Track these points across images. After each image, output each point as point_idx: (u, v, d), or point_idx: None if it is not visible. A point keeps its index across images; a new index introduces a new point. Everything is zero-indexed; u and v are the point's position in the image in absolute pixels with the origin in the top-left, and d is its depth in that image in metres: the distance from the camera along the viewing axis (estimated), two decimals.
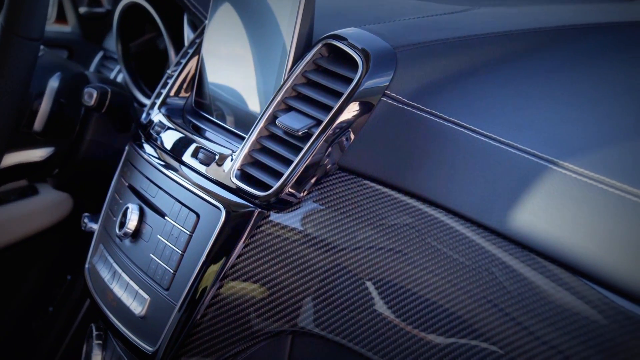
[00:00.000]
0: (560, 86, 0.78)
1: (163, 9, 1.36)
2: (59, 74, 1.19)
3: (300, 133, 0.78)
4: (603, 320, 0.58)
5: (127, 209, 0.93)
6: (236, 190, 0.82)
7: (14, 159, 1.19)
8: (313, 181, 0.79)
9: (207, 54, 0.99)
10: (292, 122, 0.79)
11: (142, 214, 0.92)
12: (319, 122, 0.78)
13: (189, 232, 0.84)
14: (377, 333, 0.73)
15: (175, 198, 0.88)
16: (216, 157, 0.87)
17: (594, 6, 1.07)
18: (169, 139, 0.97)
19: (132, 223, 0.92)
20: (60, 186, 1.32)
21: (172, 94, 1.06)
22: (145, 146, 1.00)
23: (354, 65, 0.78)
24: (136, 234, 0.92)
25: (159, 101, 1.06)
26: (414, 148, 0.74)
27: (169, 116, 1.02)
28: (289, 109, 0.82)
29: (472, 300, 0.66)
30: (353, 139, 0.78)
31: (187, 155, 0.91)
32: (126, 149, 1.06)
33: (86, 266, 1.05)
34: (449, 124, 0.73)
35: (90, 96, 1.15)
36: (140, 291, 0.89)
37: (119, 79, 1.61)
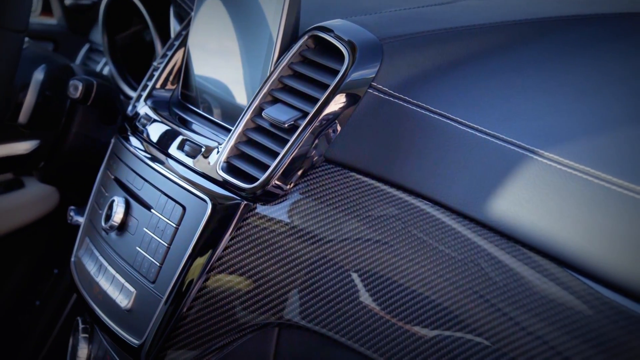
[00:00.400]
0: (546, 78, 0.78)
1: (149, 1, 1.35)
2: (44, 66, 1.18)
3: (286, 125, 0.78)
4: (588, 310, 0.58)
5: (113, 201, 0.93)
6: (222, 183, 0.82)
7: None
8: (299, 173, 0.78)
9: (193, 46, 0.99)
10: (278, 114, 0.79)
11: (128, 206, 0.92)
12: (306, 114, 0.78)
13: (175, 225, 0.83)
14: (363, 325, 0.73)
15: (161, 191, 0.87)
16: (202, 150, 0.87)
17: None
18: (155, 131, 0.97)
19: (118, 216, 0.91)
20: (46, 179, 1.32)
21: (158, 86, 1.06)
22: (131, 139, 1.00)
23: (340, 57, 0.78)
24: (122, 227, 0.92)
25: (145, 93, 1.06)
26: (400, 140, 0.74)
27: (155, 109, 1.01)
28: (275, 100, 0.82)
29: (458, 292, 0.66)
30: (339, 131, 0.77)
31: (173, 148, 0.91)
32: (112, 141, 1.06)
33: (72, 259, 1.05)
34: (435, 115, 0.73)
35: (75, 88, 1.14)
36: (126, 284, 0.88)
37: (105, 71, 1.60)
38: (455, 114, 0.72)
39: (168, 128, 0.96)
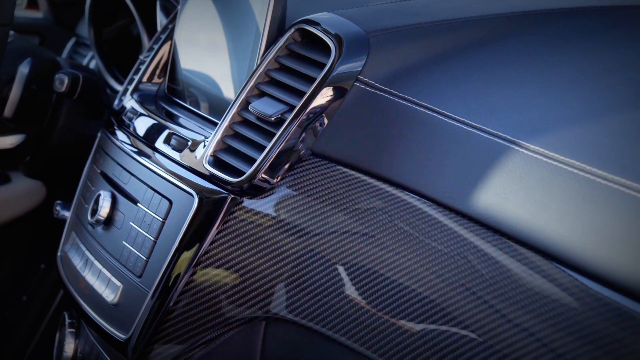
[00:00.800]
0: (532, 70, 0.78)
1: None
2: (29, 59, 1.17)
3: (273, 119, 0.78)
4: (573, 302, 0.58)
5: (99, 196, 0.92)
6: (209, 177, 0.81)
7: None
8: (286, 167, 0.78)
9: (179, 40, 0.98)
10: (265, 107, 0.79)
11: (114, 201, 0.92)
12: (292, 108, 0.77)
13: (161, 219, 0.83)
14: (350, 318, 0.73)
15: (148, 185, 0.87)
16: (189, 144, 0.86)
17: None
18: (141, 125, 0.96)
19: (104, 210, 0.91)
20: (32, 173, 1.31)
21: (144, 80, 1.05)
22: (118, 133, 0.99)
23: (327, 50, 0.78)
24: (108, 221, 0.91)
25: (131, 87, 1.05)
26: (386, 133, 0.74)
27: (141, 102, 1.01)
28: (261, 94, 0.82)
29: (444, 285, 0.67)
30: (326, 124, 0.77)
31: (160, 142, 0.91)
32: (98, 135, 1.05)
33: (58, 254, 1.04)
34: (421, 108, 0.73)
35: (61, 82, 1.13)
36: (113, 279, 0.88)
37: (92, 65, 1.59)
38: (441, 107, 0.72)
39: (154, 122, 0.95)
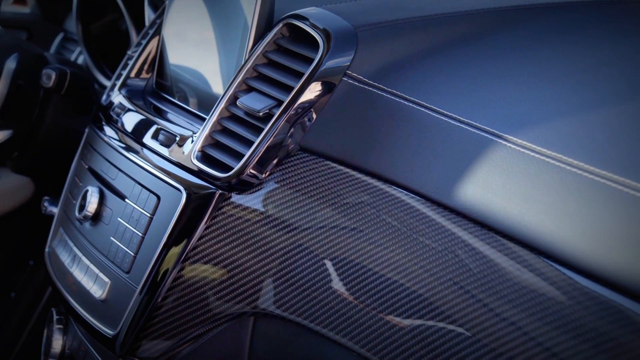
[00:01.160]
0: (520, 65, 0.79)
1: None
2: (16, 55, 1.17)
3: (261, 114, 0.77)
4: (561, 296, 0.58)
5: (87, 191, 0.92)
6: (197, 172, 0.81)
7: None
8: (275, 162, 0.78)
9: (167, 35, 0.98)
10: (253, 102, 0.79)
11: (102, 196, 0.91)
12: (280, 103, 0.77)
13: (149, 215, 0.83)
14: (338, 313, 0.73)
15: (136, 180, 0.87)
16: (177, 139, 0.86)
17: None
18: (129, 120, 0.96)
19: (91, 206, 0.91)
20: (19, 169, 1.30)
21: (132, 75, 1.05)
22: (106, 128, 0.99)
23: (315, 45, 0.78)
24: (96, 217, 0.91)
25: (119, 83, 1.05)
26: (375, 128, 0.74)
27: (129, 98, 1.01)
28: (250, 89, 0.82)
29: (432, 279, 0.67)
30: (314, 119, 0.77)
31: (148, 137, 0.90)
32: (86, 131, 1.05)
33: (46, 250, 1.04)
34: (409, 103, 0.73)
35: (48, 77, 1.13)
36: (101, 274, 0.88)
37: (80, 60, 1.58)
38: (429, 101, 0.72)
39: (142, 117, 0.95)
